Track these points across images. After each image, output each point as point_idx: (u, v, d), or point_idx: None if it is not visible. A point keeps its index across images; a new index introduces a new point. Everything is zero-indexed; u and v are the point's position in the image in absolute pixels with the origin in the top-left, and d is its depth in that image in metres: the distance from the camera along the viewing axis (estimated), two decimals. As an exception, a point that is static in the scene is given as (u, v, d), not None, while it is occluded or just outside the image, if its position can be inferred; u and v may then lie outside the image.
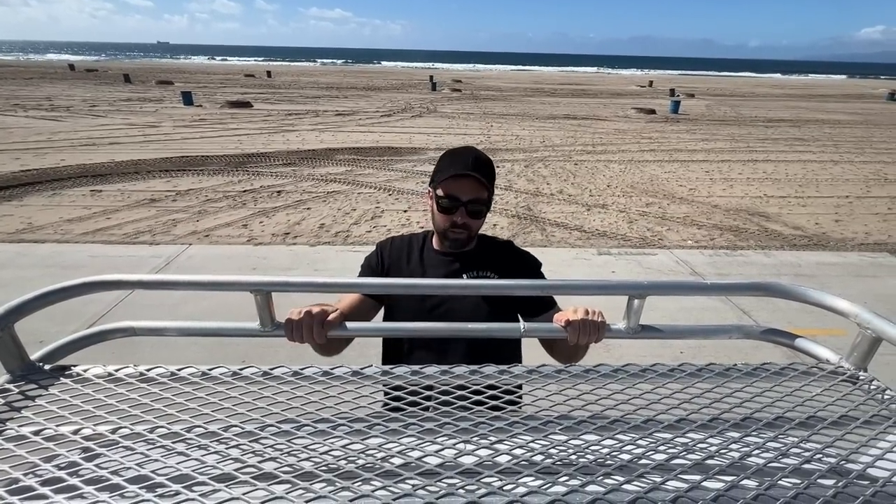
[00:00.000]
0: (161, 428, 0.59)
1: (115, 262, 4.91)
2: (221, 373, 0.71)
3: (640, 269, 4.99)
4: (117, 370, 0.72)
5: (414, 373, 0.71)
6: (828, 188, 8.60)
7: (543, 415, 0.63)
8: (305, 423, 0.60)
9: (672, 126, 15.67)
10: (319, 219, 6.35)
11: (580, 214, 6.82)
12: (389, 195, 7.46)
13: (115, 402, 0.64)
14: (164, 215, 6.33)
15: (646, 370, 0.72)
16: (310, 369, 0.71)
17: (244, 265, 4.92)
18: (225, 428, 0.59)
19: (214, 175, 8.33)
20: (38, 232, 5.70)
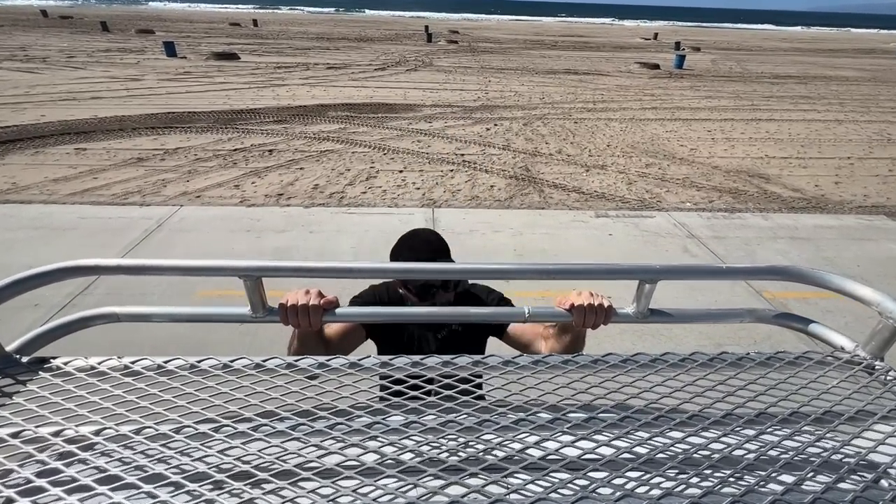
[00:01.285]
0: (148, 429, 0.55)
1: (106, 224, 4.82)
2: (211, 365, 0.67)
3: (637, 232, 4.98)
4: (100, 363, 0.67)
5: (414, 364, 0.67)
6: (830, 149, 8.48)
7: (547, 411, 0.59)
8: (301, 423, 0.56)
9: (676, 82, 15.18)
10: (313, 179, 6.22)
11: (579, 175, 6.71)
12: (384, 155, 7.28)
13: (99, 399, 0.60)
14: (153, 175, 6.16)
15: (656, 360, 0.69)
16: (305, 361, 0.67)
17: (237, 227, 4.85)
18: (216, 428, 0.55)
19: (203, 133, 8.06)
20: (24, 192, 5.55)
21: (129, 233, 4.63)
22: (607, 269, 0.86)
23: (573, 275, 0.86)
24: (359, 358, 0.68)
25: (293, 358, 0.68)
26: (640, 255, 4.49)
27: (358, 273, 0.79)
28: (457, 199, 5.78)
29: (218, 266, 0.74)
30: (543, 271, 0.87)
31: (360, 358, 0.68)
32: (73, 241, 4.49)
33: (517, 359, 0.66)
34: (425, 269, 0.85)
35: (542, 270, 0.87)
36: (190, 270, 0.73)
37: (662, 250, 4.61)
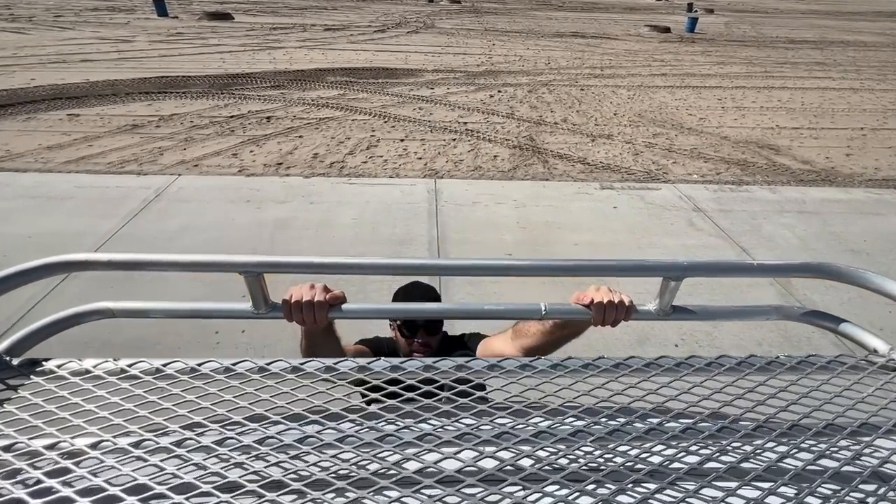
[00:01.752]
0: (148, 441, 0.51)
1: (104, 193, 4.76)
2: (213, 368, 0.63)
3: (642, 205, 4.91)
4: (96, 366, 0.63)
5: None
6: (843, 119, 8.25)
7: (571, 422, 0.56)
8: (311, 435, 0.52)
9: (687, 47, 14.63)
10: (312, 148, 6.09)
11: (584, 145, 6.57)
12: (385, 122, 7.10)
13: (95, 407, 0.57)
14: (149, 143, 6.04)
15: (681, 364, 0.65)
16: (312, 364, 0.63)
17: (237, 197, 4.79)
18: (220, 441, 0.52)
19: (198, 98, 7.84)
20: (18, 160, 5.45)
21: (128, 202, 4.58)
22: (630, 265, 0.83)
23: (593, 271, 0.81)
24: (368, 361, 0.64)
25: (299, 361, 0.64)
26: (644, 229, 4.45)
27: (366, 269, 0.75)
28: (459, 169, 5.68)
29: (216, 262, 0.71)
30: (561, 268, 0.81)
31: (370, 361, 0.64)
32: (71, 210, 4.44)
33: (535, 362, 0.64)
34: (436, 265, 0.81)
35: (559, 267, 0.82)
36: (187, 266, 0.70)
37: (667, 224, 4.57)
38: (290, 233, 4.22)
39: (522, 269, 0.80)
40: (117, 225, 4.21)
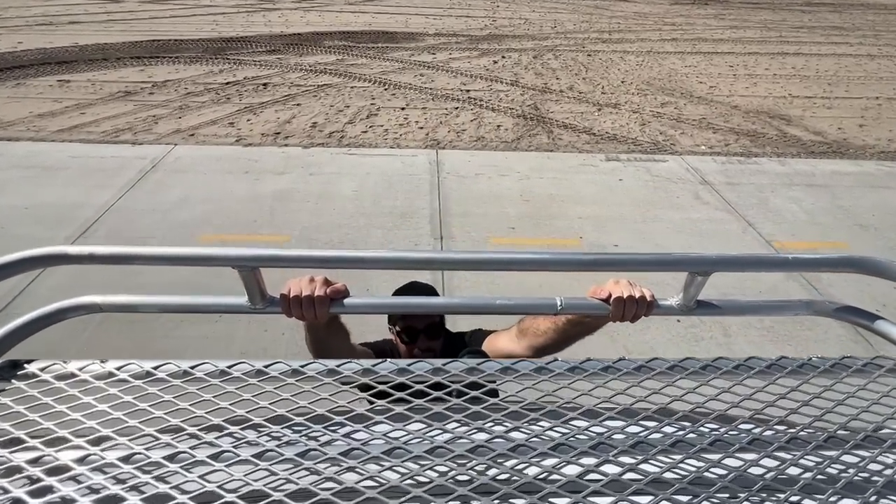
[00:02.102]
0: (139, 455, 0.47)
1: (99, 163, 4.67)
2: (207, 372, 0.58)
3: (648, 177, 4.82)
4: (82, 368, 0.59)
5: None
6: (858, 88, 8.00)
7: (592, 430, 0.51)
8: (313, 448, 0.48)
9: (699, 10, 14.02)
10: (311, 116, 5.94)
11: (590, 115, 6.39)
12: (385, 90, 6.89)
13: (81, 415, 0.52)
14: (143, 111, 5.88)
15: (707, 367, 0.60)
16: (312, 366, 0.59)
17: (235, 168, 4.70)
18: (215, 455, 0.47)
19: (192, 63, 7.59)
20: (10, 129, 5.33)
21: (124, 173, 4.50)
22: (653, 259, 0.76)
23: (614, 266, 0.77)
24: (374, 363, 0.60)
25: (299, 362, 0.59)
26: (649, 203, 4.39)
27: (369, 263, 0.70)
28: (462, 139, 5.55)
29: (208, 255, 0.66)
30: (581, 262, 0.76)
31: (376, 363, 0.60)
32: (66, 181, 4.38)
33: (550, 365, 0.60)
34: (445, 259, 0.76)
35: (579, 261, 0.76)
36: (175, 260, 0.65)
37: (673, 197, 4.50)
38: (289, 205, 4.16)
39: (542, 263, 0.75)
40: (114, 196, 4.15)
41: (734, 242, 3.88)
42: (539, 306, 0.77)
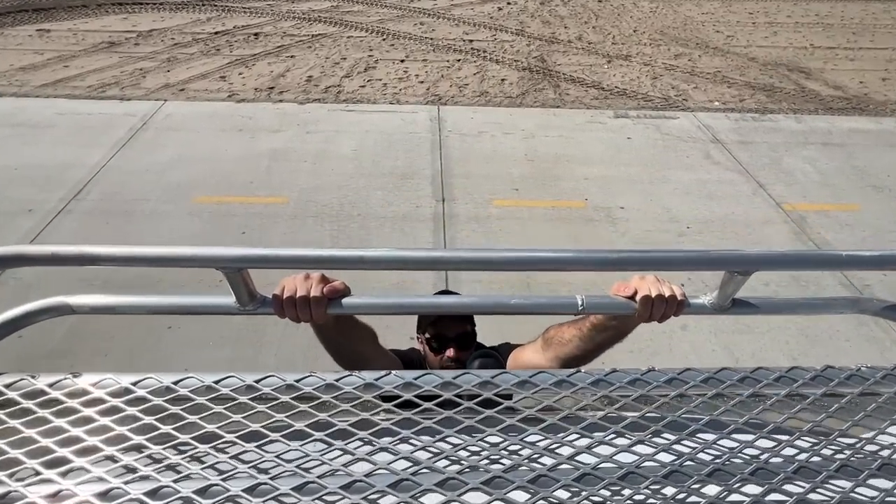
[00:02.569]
0: (117, 490, 0.41)
1: (87, 121, 4.51)
2: (192, 388, 0.51)
3: (657, 136, 4.65)
4: (52, 384, 0.51)
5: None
6: (885, 37, 7.56)
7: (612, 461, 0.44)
8: (311, 481, 0.42)
9: (720, -51, 13.03)
10: (306, 70, 5.66)
11: (599, 68, 6.08)
12: (383, 40, 6.53)
13: (52, 442, 0.46)
14: (129, 63, 5.61)
15: (745, 379, 0.54)
16: (309, 380, 0.52)
17: (228, 125, 4.54)
18: (202, 490, 0.41)
19: (178, 11, 7.16)
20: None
21: (114, 131, 4.35)
22: (687, 258, 0.67)
23: (643, 265, 0.69)
24: (377, 377, 0.53)
25: (294, 376, 0.52)
26: (658, 163, 4.25)
27: (369, 263, 0.61)
28: (464, 94, 5.32)
29: (187, 256, 0.58)
30: (605, 261, 0.66)
31: (379, 377, 0.53)
32: (55, 139, 4.24)
33: (572, 377, 0.54)
34: (456, 259, 0.67)
35: (603, 260, 0.66)
36: (150, 261, 0.58)
37: (683, 157, 4.35)
38: (286, 165, 4.04)
39: (563, 262, 0.66)
40: (105, 156, 4.03)
41: (743, 205, 3.79)
42: (558, 305, 0.70)
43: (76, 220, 3.40)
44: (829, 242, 3.46)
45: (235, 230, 3.37)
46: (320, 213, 3.55)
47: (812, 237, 3.51)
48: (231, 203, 3.62)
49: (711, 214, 3.69)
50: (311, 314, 0.73)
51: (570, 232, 3.48)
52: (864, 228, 3.61)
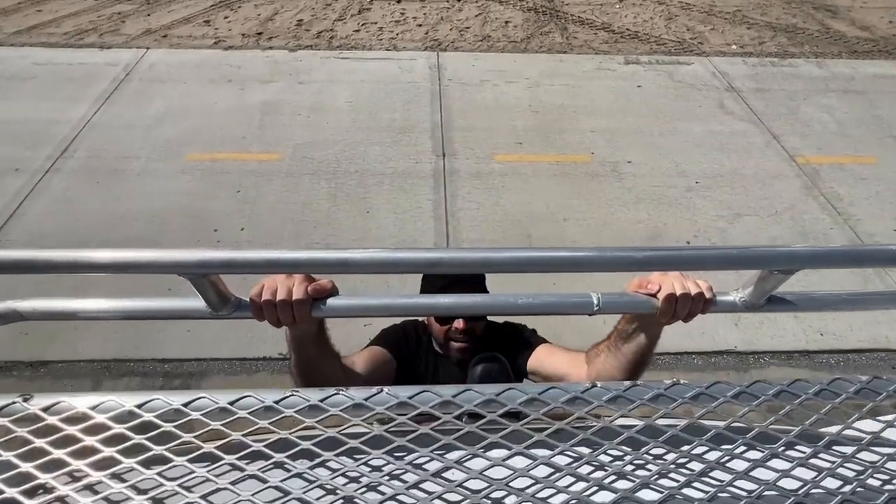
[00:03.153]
0: None
1: (67, 72, 4.29)
2: (159, 412, 0.44)
3: (669, 83, 4.42)
4: (3, 408, 0.44)
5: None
6: (921, -31, 6.98)
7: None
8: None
9: None
10: (295, 12, 5.31)
11: (610, 8, 5.69)
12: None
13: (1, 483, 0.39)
14: (106, 6, 5.26)
15: (782, 393, 0.47)
16: (290, 399, 0.46)
17: (216, 76, 4.32)
18: None
19: (154, -55, 6.59)
20: (-39, 30, 4.81)
21: (97, 83, 4.15)
22: (722, 256, 0.58)
23: (673, 265, 0.61)
24: (367, 396, 0.46)
25: (273, 397, 0.45)
26: (669, 113, 4.07)
27: (354, 266, 0.52)
28: (465, 39, 5.01)
29: (144, 262, 0.50)
30: (630, 261, 0.57)
31: (368, 396, 0.46)
32: (35, 92, 4.05)
33: (586, 393, 0.47)
34: (459, 260, 0.59)
35: (628, 260, 0.57)
36: (104, 267, 0.50)
37: (695, 106, 4.16)
38: (279, 118, 3.88)
39: (583, 262, 0.56)
40: (90, 110, 3.86)
41: (755, 157, 3.67)
42: (571, 305, 0.63)
43: (65, 180, 3.31)
44: (841, 197, 3.38)
45: (230, 189, 3.29)
46: (317, 170, 3.45)
47: (824, 192, 3.41)
48: (224, 160, 3.51)
49: (721, 168, 3.58)
50: (294, 316, 0.66)
51: (575, 188, 3.39)
52: (879, 182, 3.50)
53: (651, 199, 3.32)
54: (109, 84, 4.14)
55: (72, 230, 2.98)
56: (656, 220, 3.19)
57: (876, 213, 3.28)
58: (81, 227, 3.01)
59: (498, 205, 3.26)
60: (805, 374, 2.38)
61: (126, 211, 3.12)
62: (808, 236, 3.12)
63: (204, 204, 3.19)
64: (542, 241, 3.01)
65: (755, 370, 2.46)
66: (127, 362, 2.40)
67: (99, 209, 3.12)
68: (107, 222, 3.04)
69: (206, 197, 3.22)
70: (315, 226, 3.06)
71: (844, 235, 3.12)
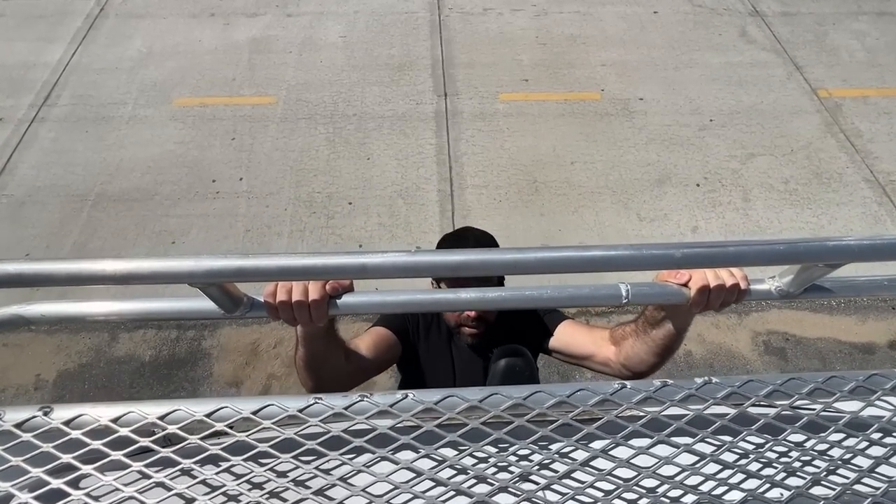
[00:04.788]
0: None
1: (37, 8, 4.03)
2: (183, 423, 0.44)
3: (688, 8, 4.14)
4: (21, 424, 0.43)
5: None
6: None
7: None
8: None
9: None
10: (278, -69, 4.82)
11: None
12: None
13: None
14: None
15: (815, 391, 0.47)
16: (269, 410, 0.45)
17: (198, 10, 4.04)
18: None
19: None
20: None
21: (70, 20, 3.89)
22: (768, 251, 0.52)
23: (712, 262, 0.57)
24: (392, 402, 0.45)
25: (252, 407, 0.44)
26: (686, 42, 3.83)
27: (371, 271, 0.50)
28: (466, -40, 4.59)
29: (151, 272, 0.49)
30: (668, 260, 0.52)
31: (394, 401, 0.45)
32: (6, 33, 3.83)
33: (616, 395, 0.46)
34: (481, 263, 0.54)
35: (665, 259, 0.52)
36: (105, 278, 0.48)
37: (715, 34, 3.91)
38: (269, 57, 3.68)
39: (614, 262, 0.52)
40: (67, 52, 3.66)
41: (775, 91, 3.50)
42: (599, 297, 0.61)
43: (53, 129, 3.22)
44: (861, 133, 3.27)
45: (224, 136, 3.20)
46: (312, 114, 3.33)
47: (844, 128, 3.30)
48: (215, 105, 3.38)
49: (738, 104, 3.43)
50: (311, 315, 0.65)
51: (583, 129, 3.28)
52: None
53: (662, 140, 3.22)
54: (84, 21, 3.89)
55: (69, 183, 2.95)
56: (666, 161, 3.12)
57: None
58: (77, 179, 2.97)
59: (503, 148, 3.18)
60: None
61: (120, 161, 3.06)
62: (822, 176, 3.06)
63: (199, 153, 3.12)
64: (549, 185, 2.97)
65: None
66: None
67: (92, 160, 3.06)
68: (102, 173, 3.00)
69: (200, 146, 3.15)
70: (315, 174, 3.01)
71: (860, 174, 3.06)
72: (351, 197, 2.91)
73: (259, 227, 2.80)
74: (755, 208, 2.92)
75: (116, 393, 2.21)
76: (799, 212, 2.90)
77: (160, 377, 2.26)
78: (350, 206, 2.87)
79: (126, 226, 2.77)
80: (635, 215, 2.88)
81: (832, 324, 2.46)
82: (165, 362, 2.31)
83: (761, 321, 2.48)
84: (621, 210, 2.90)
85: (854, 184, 3.03)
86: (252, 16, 4.00)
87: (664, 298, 0.68)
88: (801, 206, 2.94)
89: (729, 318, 2.47)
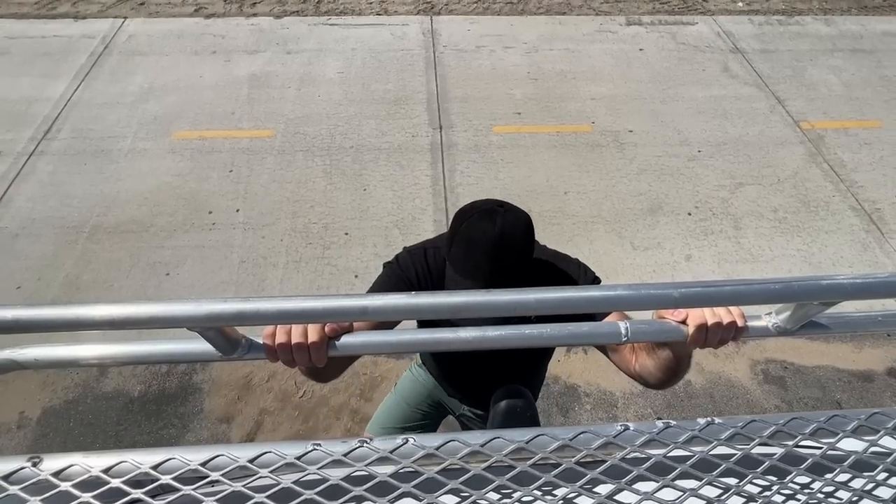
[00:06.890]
0: None
1: (42, 45, 4.10)
2: (177, 473, 0.43)
3: (672, 46, 4.29)
4: (8, 476, 0.42)
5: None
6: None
7: None
8: None
9: None
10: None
11: (611, -37, 5.42)
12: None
13: None
14: (77, -28, 4.96)
15: (820, 430, 0.46)
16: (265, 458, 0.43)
17: (200, 48, 4.14)
18: None
19: None
20: (-76, 1, 4.55)
21: (74, 57, 3.98)
22: (767, 291, 0.52)
23: (712, 301, 0.56)
24: (392, 447, 0.44)
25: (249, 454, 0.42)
26: (671, 77, 3.97)
27: (374, 313, 0.49)
28: (460, 1, 4.80)
29: (143, 317, 0.47)
30: (667, 300, 0.52)
31: (394, 447, 0.45)
32: (10, 69, 3.89)
33: (618, 437, 0.44)
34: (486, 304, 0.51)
35: (664, 299, 0.52)
36: (95, 324, 0.47)
37: (698, 70, 4.05)
38: (268, 92, 3.76)
39: (607, 303, 0.52)
40: (70, 87, 3.73)
41: (758, 123, 3.61)
42: (598, 335, 0.60)
43: (51, 163, 3.23)
44: (845, 163, 3.36)
45: (222, 169, 3.22)
46: (310, 147, 3.37)
47: (828, 158, 3.39)
48: (214, 138, 3.42)
49: (724, 136, 3.53)
50: (311, 358, 0.64)
51: (575, 160, 3.34)
52: (884, 147, 3.48)
53: (653, 170, 3.29)
54: (88, 58, 3.97)
55: (64, 215, 2.94)
56: (658, 191, 3.17)
57: (879, 179, 3.28)
58: (73, 211, 2.96)
59: (497, 178, 3.22)
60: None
61: (117, 194, 3.06)
62: (810, 204, 3.12)
63: (196, 185, 3.14)
64: (543, 215, 3.00)
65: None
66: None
67: (89, 192, 3.07)
68: (98, 205, 3.00)
69: (197, 177, 3.17)
70: (312, 205, 3.02)
71: (846, 202, 3.12)
72: (347, 227, 2.91)
73: (254, 257, 2.78)
74: (746, 236, 2.95)
75: (102, 430, 2.13)
76: (789, 239, 2.94)
77: (149, 413, 2.19)
78: (346, 236, 2.87)
79: (121, 257, 2.75)
80: (629, 244, 2.90)
81: (829, 352, 2.45)
82: (155, 397, 2.24)
83: (759, 350, 2.47)
84: (615, 239, 2.93)
85: (841, 212, 3.08)
86: (253, 53, 4.12)
87: (663, 336, 0.68)
88: (791, 233, 2.98)
89: (727, 347, 2.45)
